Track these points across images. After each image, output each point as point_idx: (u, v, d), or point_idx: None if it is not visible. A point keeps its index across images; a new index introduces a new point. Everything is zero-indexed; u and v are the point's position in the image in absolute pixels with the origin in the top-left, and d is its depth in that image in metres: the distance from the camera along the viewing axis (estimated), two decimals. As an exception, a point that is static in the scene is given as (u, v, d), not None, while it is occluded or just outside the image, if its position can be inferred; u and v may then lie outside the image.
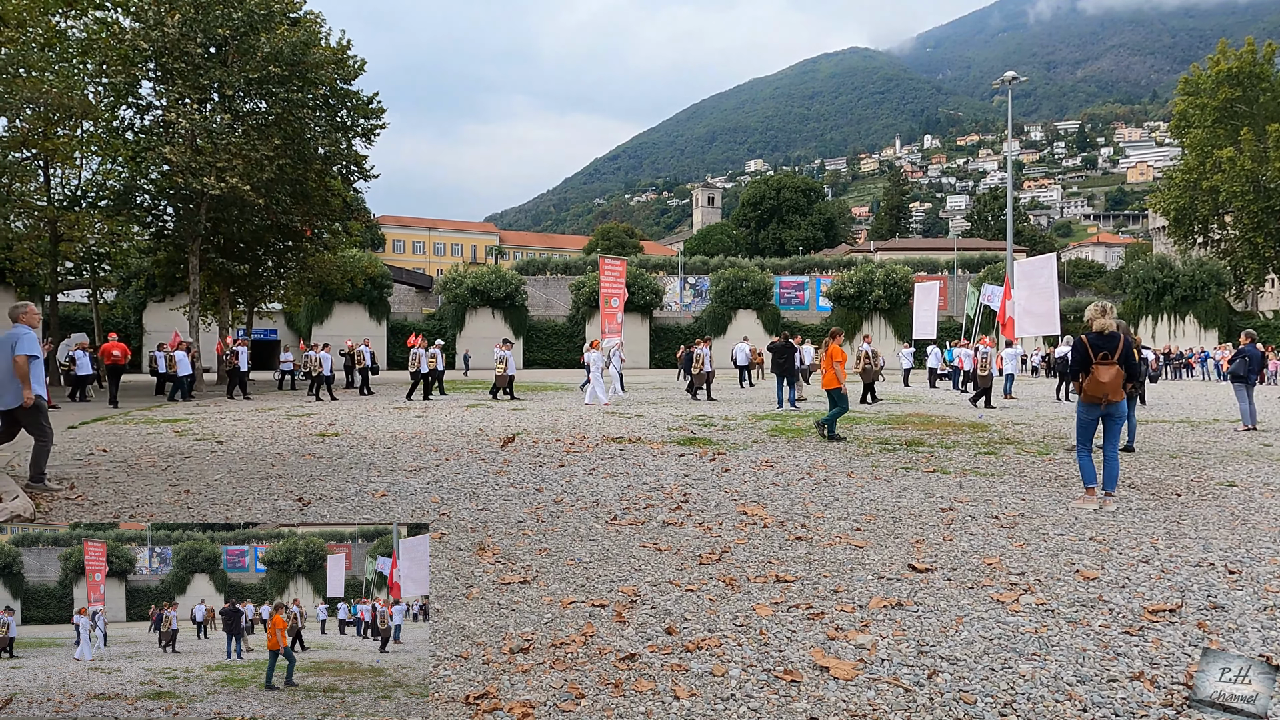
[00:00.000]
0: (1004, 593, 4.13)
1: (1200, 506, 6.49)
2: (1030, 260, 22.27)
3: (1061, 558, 4.87)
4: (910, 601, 4.01)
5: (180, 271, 27.38)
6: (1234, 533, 5.54)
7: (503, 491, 7.16)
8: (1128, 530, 5.61)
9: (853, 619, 3.77)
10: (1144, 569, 4.61)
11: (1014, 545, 5.19)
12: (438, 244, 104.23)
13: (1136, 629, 3.60)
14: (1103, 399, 6.41)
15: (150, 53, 22.46)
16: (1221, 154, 47.37)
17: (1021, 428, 12.99)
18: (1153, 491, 7.20)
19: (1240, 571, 4.54)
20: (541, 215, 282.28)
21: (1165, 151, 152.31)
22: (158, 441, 11.05)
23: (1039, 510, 6.32)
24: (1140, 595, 4.10)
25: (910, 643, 3.45)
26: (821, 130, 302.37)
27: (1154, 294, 46.82)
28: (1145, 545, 5.18)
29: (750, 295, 53.65)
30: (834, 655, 3.32)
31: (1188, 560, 4.80)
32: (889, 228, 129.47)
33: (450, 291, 51.08)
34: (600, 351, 19.44)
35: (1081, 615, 3.79)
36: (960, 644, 3.43)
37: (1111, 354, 6.41)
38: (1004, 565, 4.69)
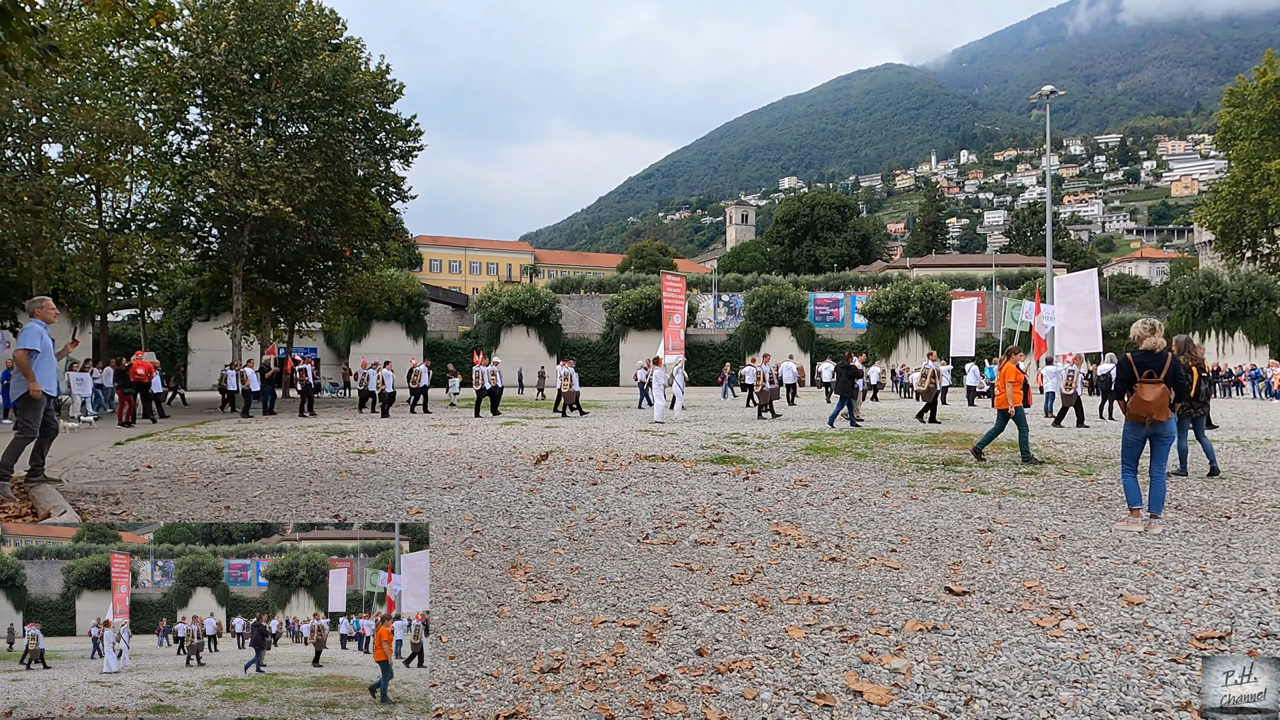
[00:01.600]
0: (1044, 617, 4.03)
1: (1251, 530, 6.29)
2: (1071, 276, 21.90)
3: (1104, 581, 4.74)
4: (947, 625, 3.93)
5: (224, 291, 28.08)
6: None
7: (535, 509, 7.18)
8: (1174, 554, 5.45)
9: (887, 642, 3.70)
10: (1191, 594, 4.47)
11: (1055, 568, 5.06)
12: (474, 263, 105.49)
13: (1184, 657, 3.48)
14: (1147, 418, 6.26)
15: (198, 80, 23.18)
16: (1270, 166, 46.16)
17: (1063, 447, 12.71)
18: (1201, 514, 6.99)
19: (1294, 598, 4.38)
20: (576, 234, 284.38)
21: (1210, 164, 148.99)
22: (200, 458, 11.28)
23: (1081, 532, 6.17)
24: (1188, 621, 3.97)
25: (947, 668, 3.38)
26: (856, 147, 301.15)
27: (1201, 310, 45.69)
28: (1193, 569, 5.02)
29: (784, 312, 53.39)
30: (868, 680, 3.26)
31: (1238, 586, 4.65)
32: (925, 244, 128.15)
33: (486, 310, 51.60)
34: (664, 369, 19.32)
35: (1126, 642, 3.68)
36: (998, 670, 3.36)
37: (1157, 372, 6.26)
38: (1044, 589, 4.58)
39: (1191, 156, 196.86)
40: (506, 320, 51.16)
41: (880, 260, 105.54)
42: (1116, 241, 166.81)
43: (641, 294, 52.13)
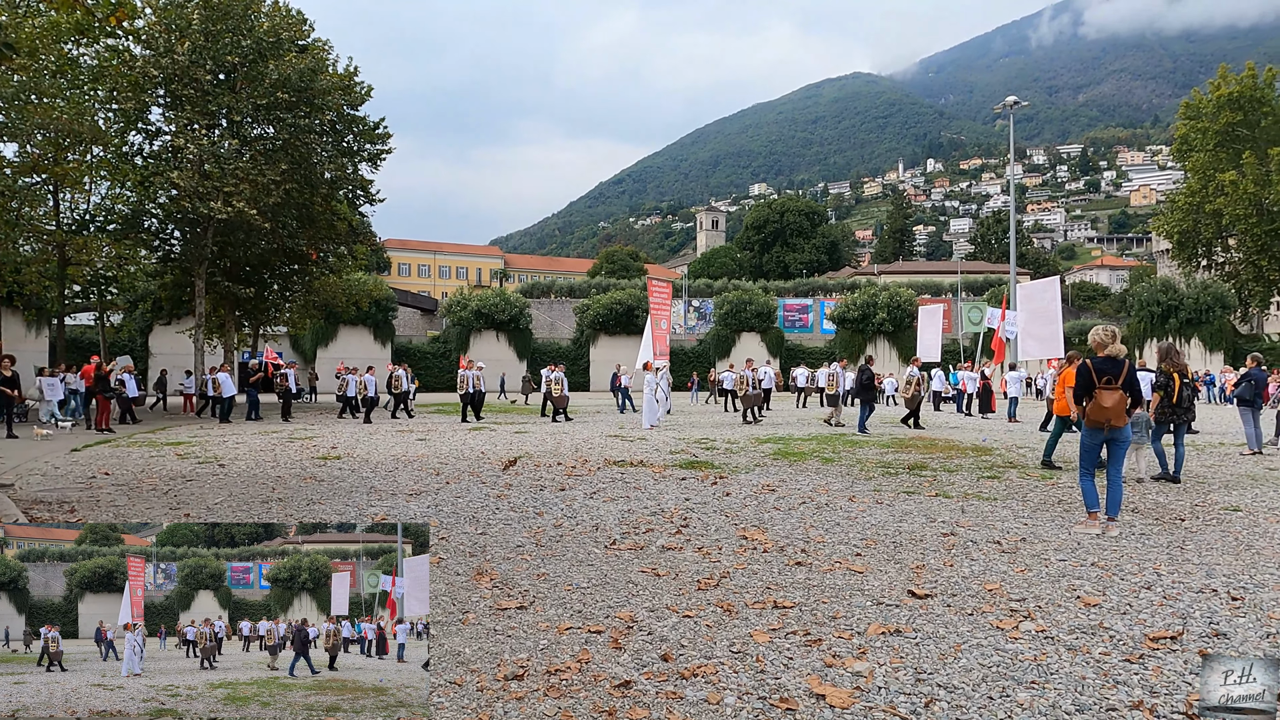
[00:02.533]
0: (1004, 619, 4.10)
1: (1204, 532, 6.44)
2: (1033, 284, 22.29)
3: (1063, 583, 4.83)
4: (909, 628, 3.98)
5: (186, 295, 27.55)
6: (1238, 558, 5.50)
7: (502, 515, 7.15)
8: (1130, 556, 5.57)
9: (850, 646, 3.74)
10: (1146, 595, 4.57)
11: (1015, 571, 5.15)
12: (443, 267, 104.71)
13: (1137, 657, 3.56)
14: (1106, 423, 6.39)
15: (160, 79, 22.75)
16: (1224, 177, 47.48)
17: (1025, 451, 12.93)
18: (1156, 516, 7.15)
19: (1243, 598, 4.50)
20: (546, 238, 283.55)
21: (1168, 175, 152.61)
22: (160, 465, 11.06)
23: (1041, 535, 6.28)
24: (1142, 622, 4.06)
25: (908, 670, 3.42)
26: (825, 154, 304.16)
27: (1159, 317, 46.77)
28: (1148, 571, 5.14)
29: (754, 318, 53.67)
30: (830, 683, 3.29)
31: (1190, 586, 4.76)
32: (892, 251, 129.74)
33: (455, 314, 51.21)
34: (653, 374, 19.19)
35: (1082, 643, 3.75)
36: (958, 672, 3.40)
37: (1116, 378, 6.39)
38: (1004, 591, 4.65)
39: (1150, 167, 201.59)
40: (476, 325, 50.81)
41: (849, 266, 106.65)
42: (1078, 249, 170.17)
43: (612, 299, 52.10)
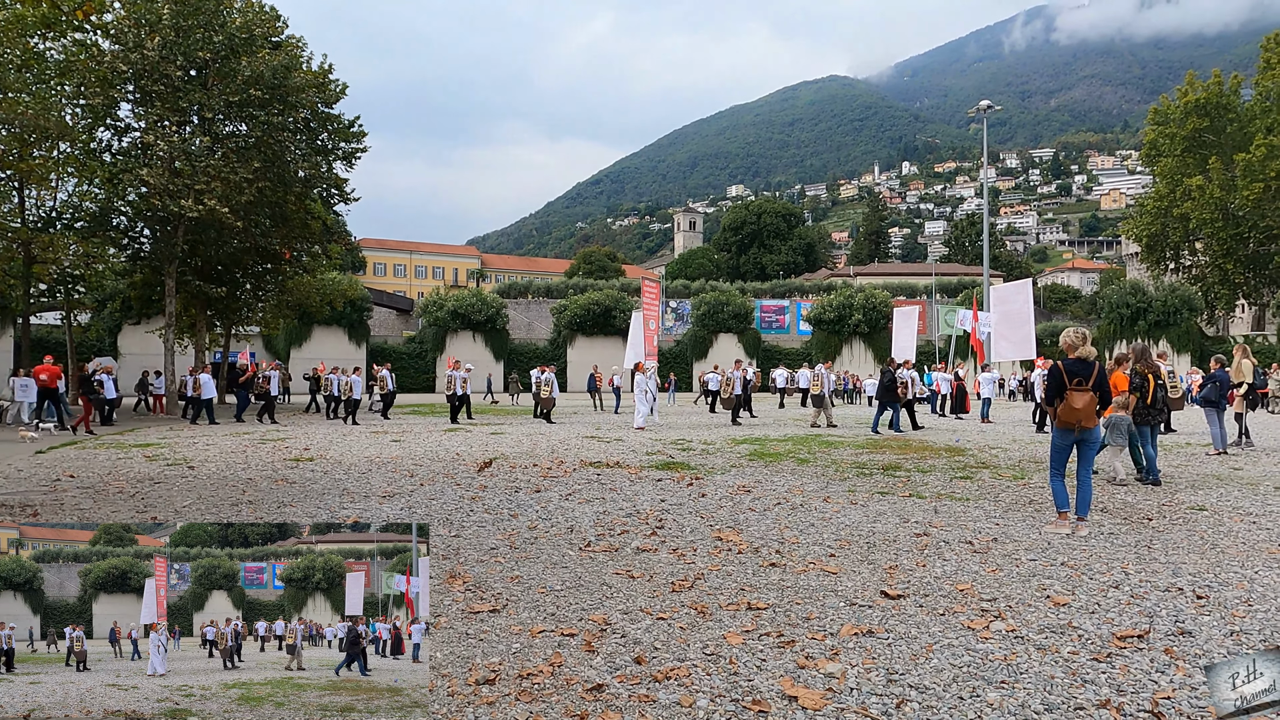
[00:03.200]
0: (975, 619, 4.13)
1: (1171, 531, 6.54)
2: (1006, 286, 22.55)
3: (1033, 583, 4.88)
4: (881, 629, 3.99)
5: (156, 294, 27.14)
6: (1203, 557, 5.58)
7: (476, 518, 7.10)
8: (1099, 555, 5.64)
9: (823, 647, 3.75)
10: (1114, 594, 4.63)
11: (987, 571, 5.19)
12: (419, 267, 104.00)
13: (1105, 655, 3.60)
14: (1076, 425, 6.46)
15: (129, 75, 22.39)
16: (1191, 182, 48.40)
17: (998, 452, 13.07)
18: (1124, 516, 7.25)
19: (1208, 596, 4.57)
20: (524, 239, 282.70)
21: (1137, 179, 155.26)
22: (127, 467, 10.86)
23: (1012, 535, 6.34)
24: (1110, 621, 4.11)
25: (880, 671, 3.44)
26: (802, 156, 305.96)
27: (1128, 319, 47.55)
28: (1116, 570, 5.20)
29: (731, 319, 53.87)
30: (803, 685, 3.29)
31: (1157, 585, 4.83)
32: (868, 253, 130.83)
33: (431, 314, 50.88)
34: (645, 374, 19.10)
35: (1051, 642, 3.79)
36: (929, 672, 3.42)
37: (1086, 380, 6.47)
38: (976, 591, 4.69)
39: (1119, 172, 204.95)
40: (452, 325, 50.53)
41: (825, 268, 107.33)
42: (1050, 252, 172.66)
43: (589, 299, 52.04)
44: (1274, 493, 8.58)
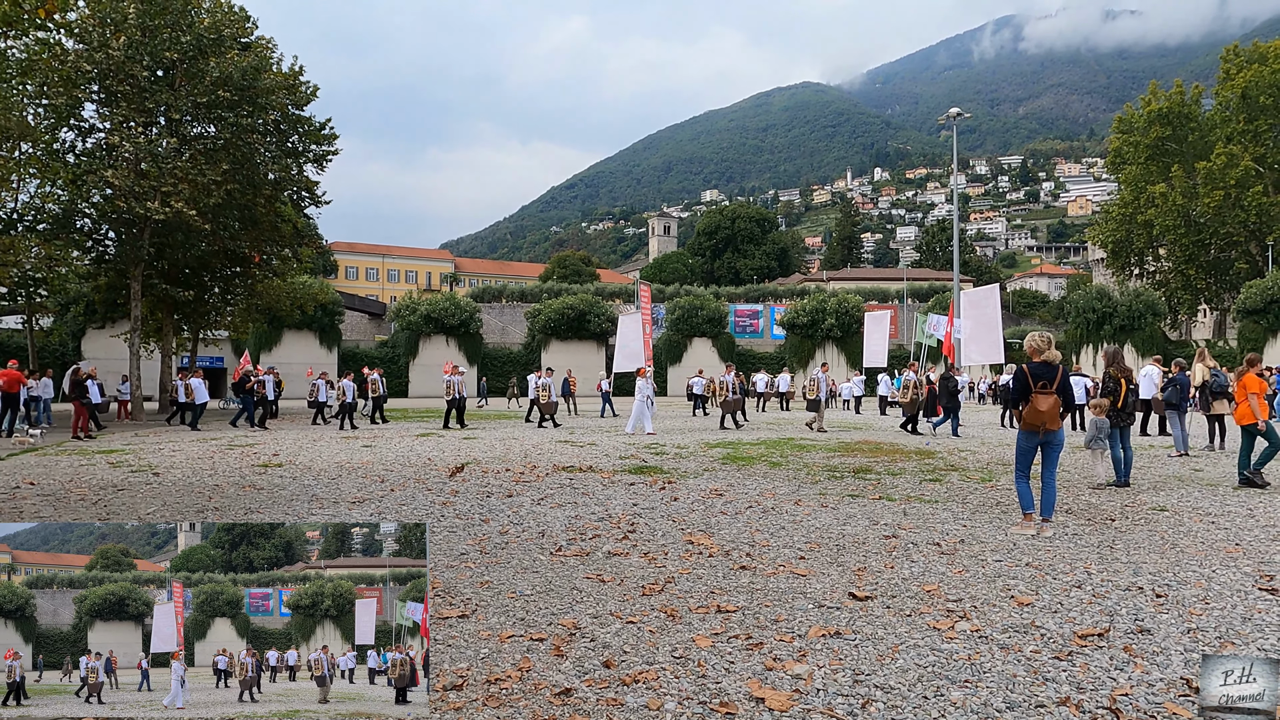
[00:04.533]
0: (940, 620, 4.18)
1: (1133, 531, 6.67)
2: (975, 291, 22.83)
3: (998, 584, 4.95)
4: (849, 630, 4.03)
5: (121, 297, 26.65)
6: (1163, 557, 5.70)
7: (447, 523, 7.05)
8: (1063, 555, 5.74)
9: (791, 649, 3.77)
10: (1076, 594, 4.71)
11: (953, 572, 5.26)
12: (392, 271, 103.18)
13: (1066, 654, 3.66)
14: (1041, 427, 6.57)
15: (94, 75, 21.99)
16: (1154, 190, 49.44)
17: (966, 454, 13.24)
18: (1088, 517, 7.38)
19: (1167, 595, 4.66)
20: (498, 242, 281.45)
21: (1103, 186, 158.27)
22: (90, 474, 10.65)
23: (979, 537, 6.43)
24: (1071, 620, 4.18)
25: (847, 672, 3.47)
26: (775, 162, 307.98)
27: (1094, 323, 48.33)
28: (1079, 570, 5.30)
29: (705, 323, 54.01)
30: (770, 686, 3.31)
31: (1118, 585, 4.92)
32: (841, 258, 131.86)
33: (404, 319, 50.47)
34: (645, 379, 18.94)
35: (1014, 641, 3.85)
36: (895, 672, 3.46)
37: (1051, 383, 6.58)
38: (942, 592, 4.75)
39: (1086, 179, 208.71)
40: (425, 329, 50.15)
41: (798, 273, 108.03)
42: (1019, 258, 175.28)
43: (564, 304, 51.92)
44: (1232, 494, 8.78)
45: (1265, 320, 40.86)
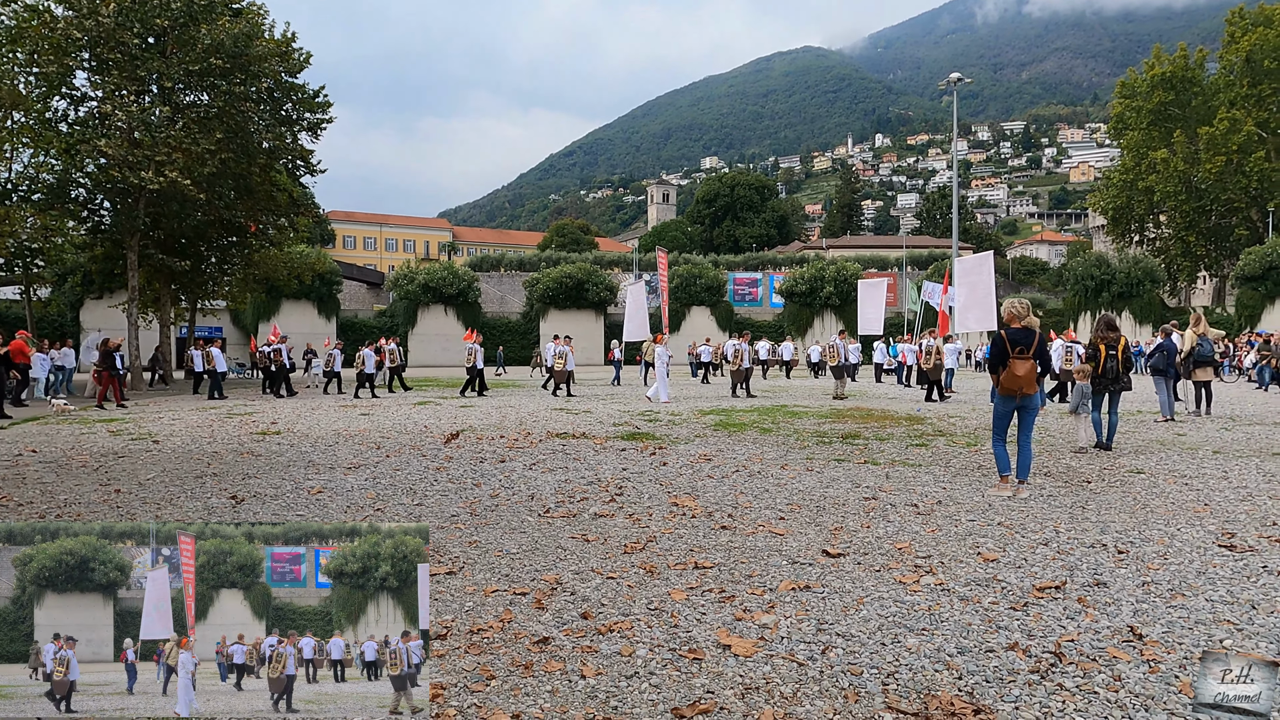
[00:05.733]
0: (907, 574, 4.36)
1: (1107, 493, 6.84)
2: (970, 258, 22.83)
3: (968, 542, 5.13)
4: (818, 584, 4.21)
5: (119, 268, 26.68)
6: (1132, 516, 5.88)
7: (440, 487, 7.23)
8: (1034, 515, 5.91)
9: (761, 601, 3.95)
10: (1042, 551, 4.89)
11: (927, 531, 5.44)
12: (390, 240, 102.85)
13: (1022, 605, 3.84)
14: (1018, 391, 6.72)
15: (84, 43, 21.82)
16: (1156, 155, 49.14)
17: (956, 420, 13.41)
18: (1066, 479, 7.56)
19: (1128, 551, 4.84)
20: (496, 211, 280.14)
21: (1105, 152, 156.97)
22: (91, 442, 10.84)
23: (957, 498, 6.61)
24: (1033, 575, 4.36)
25: (811, 622, 3.65)
26: (776, 128, 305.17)
27: (1092, 290, 48.37)
28: (1048, 529, 5.47)
29: (704, 292, 53.99)
30: (738, 635, 3.49)
31: (1083, 542, 5.10)
32: (841, 225, 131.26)
33: (401, 288, 50.48)
34: (663, 346, 19.02)
35: (974, 594, 4.02)
36: (857, 622, 3.64)
37: (1028, 349, 6.72)
38: (913, 549, 4.93)
39: (1088, 144, 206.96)
40: (423, 299, 50.19)
41: (798, 241, 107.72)
42: (1020, 225, 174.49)
43: (562, 273, 51.86)
44: (1211, 456, 8.96)
45: (1263, 287, 40.89)
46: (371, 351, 21.08)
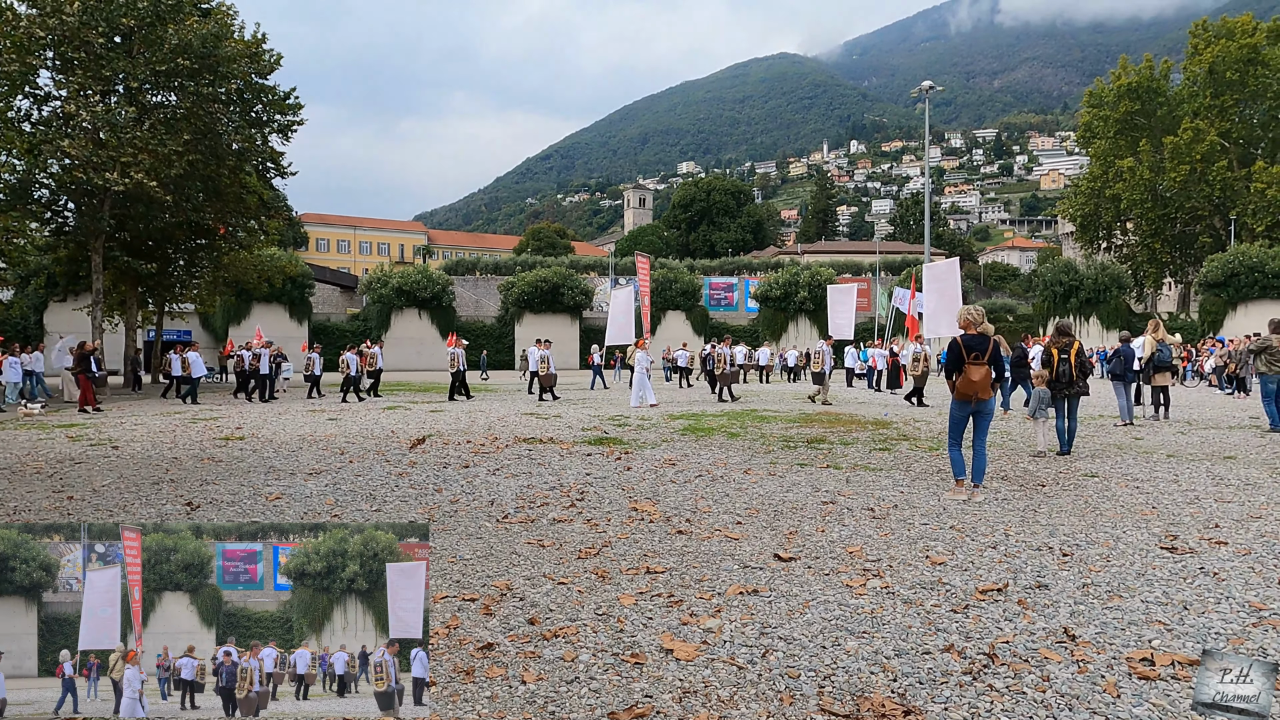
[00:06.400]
0: (855, 578, 4.42)
1: (1060, 496, 6.96)
2: (937, 264, 23.09)
3: (919, 545, 5.20)
4: (766, 588, 4.25)
5: (83, 270, 26.29)
6: (1082, 519, 5.99)
7: (400, 493, 7.20)
8: (986, 519, 6.01)
9: (709, 605, 3.99)
10: (990, 554, 4.97)
11: (880, 535, 5.50)
12: (364, 243, 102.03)
13: (963, 607, 3.91)
14: (974, 396, 6.83)
15: (48, 41, 21.51)
16: (1123, 164, 50.05)
17: (921, 425, 13.57)
18: (1022, 483, 7.68)
19: (1073, 554, 4.94)
20: (472, 214, 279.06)
21: (1075, 160, 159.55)
22: (48, 447, 10.66)
23: (913, 502, 6.69)
24: (978, 577, 4.43)
25: (755, 625, 3.68)
26: (752, 134, 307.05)
27: (1061, 296, 49.10)
28: (998, 532, 5.56)
29: (680, 296, 54.14)
30: (681, 639, 3.52)
31: (1031, 545, 5.19)
32: (816, 230, 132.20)
33: (375, 292, 50.13)
34: (645, 352, 19.00)
35: (918, 596, 4.09)
36: (800, 625, 3.68)
37: (983, 354, 6.83)
38: (864, 553, 4.99)
39: (1059, 152, 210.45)
40: (397, 302, 49.87)
41: (774, 246, 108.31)
42: (992, 231, 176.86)
43: (538, 276, 51.76)
44: (1165, 460, 9.14)
45: (1226, 293, 41.74)
46: (354, 355, 20.94)
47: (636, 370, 18.41)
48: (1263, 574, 4.48)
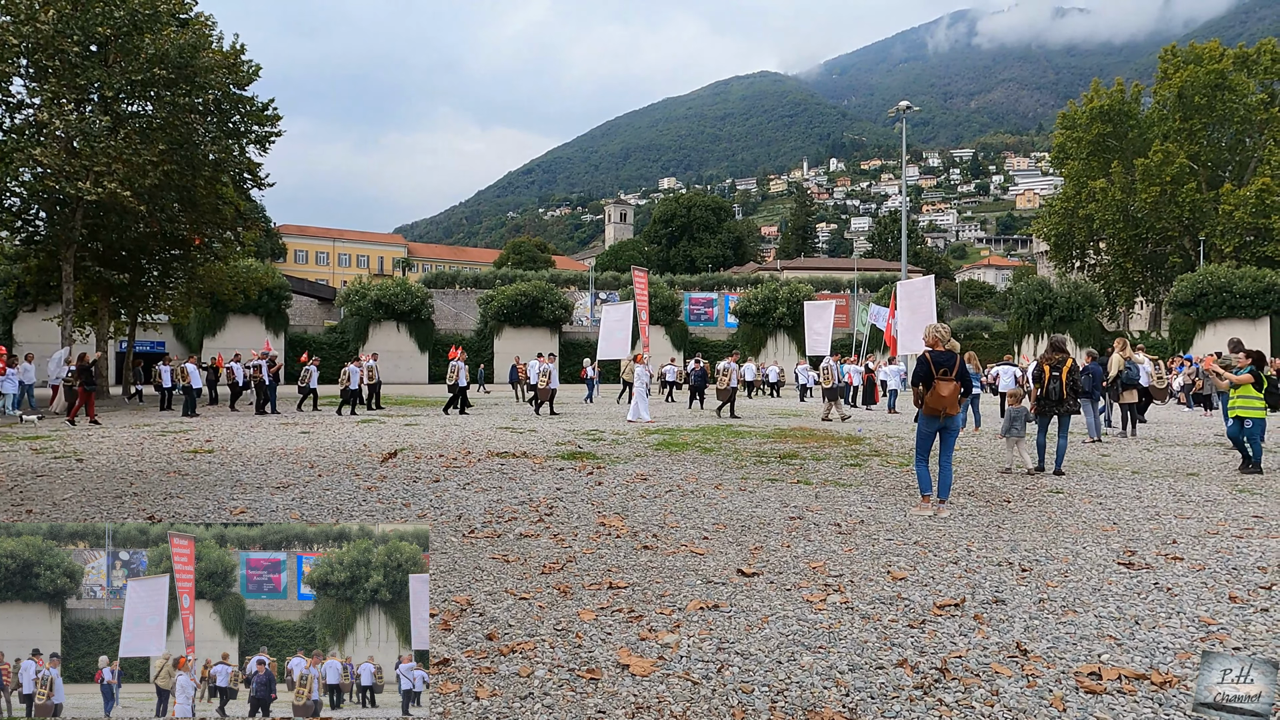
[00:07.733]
0: (816, 593, 4.44)
1: (1024, 512, 7.04)
2: (911, 281, 23.35)
3: (881, 560, 5.24)
4: (727, 604, 4.26)
5: (54, 279, 25.90)
6: (1044, 535, 6.06)
7: (368, 507, 7.15)
8: (950, 534, 6.06)
9: (668, 621, 3.99)
10: (950, 569, 5.02)
11: (844, 550, 5.54)
12: (343, 255, 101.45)
13: (920, 622, 3.94)
14: (942, 411, 6.91)
15: (21, 49, 21.27)
16: (1095, 185, 50.98)
17: (894, 441, 13.67)
18: (987, 499, 7.76)
19: (1031, 569, 5.00)
20: (453, 227, 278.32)
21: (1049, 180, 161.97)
22: (10, 460, 10.48)
23: (879, 518, 6.74)
24: (937, 593, 4.47)
25: (713, 641, 3.69)
26: (732, 150, 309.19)
27: (1035, 314, 49.72)
28: (961, 548, 5.62)
29: (659, 311, 54.22)
30: (638, 654, 3.52)
31: (992, 560, 5.24)
32: (796, 247, 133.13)
33: (353, 304, 49.77)
34: (644, 366, 18.81)
35: (876, 611, 4.12)
36: (758, 640, 3.70)
37: (950, 370, 6.91)
38: (826, 568, 5.02)
39: (1034, 173, 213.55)
40: (375, 315, 49.55)
41: (753, 262, 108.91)
42: (968, 249, 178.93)
43: (518, 290, 51.68)
44: (1130, 477, 9.27)
45: (1195, 312, 42.50)
46: (356, 368, 20.72)
47: (637, 385, 18.36)
48: (1214, 589, 4.55)
